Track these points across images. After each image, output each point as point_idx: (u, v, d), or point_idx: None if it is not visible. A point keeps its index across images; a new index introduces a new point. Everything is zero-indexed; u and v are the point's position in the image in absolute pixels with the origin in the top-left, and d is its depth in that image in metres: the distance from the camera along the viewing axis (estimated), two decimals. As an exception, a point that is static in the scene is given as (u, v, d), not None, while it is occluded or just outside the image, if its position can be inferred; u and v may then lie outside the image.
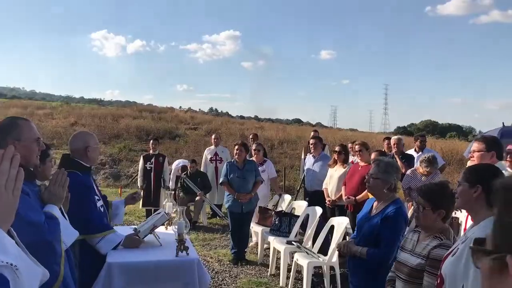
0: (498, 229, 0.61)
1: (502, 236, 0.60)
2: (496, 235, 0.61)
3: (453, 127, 73.55)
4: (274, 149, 18.26)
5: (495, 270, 0.59)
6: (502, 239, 0.60)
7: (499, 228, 0.61)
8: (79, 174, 3.24)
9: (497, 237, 0.61)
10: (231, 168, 6.20)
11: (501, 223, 0.61)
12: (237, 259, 6.15)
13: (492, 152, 3.24)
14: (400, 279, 2.81)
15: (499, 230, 0.61)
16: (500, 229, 0.61)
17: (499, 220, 0.61)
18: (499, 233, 0.61)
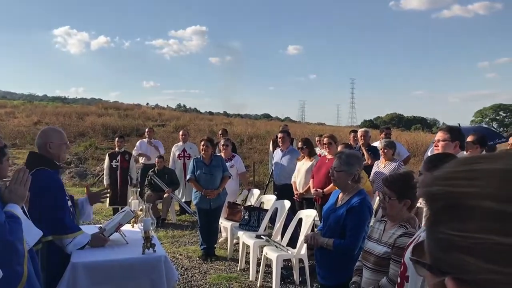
0: (433, 242, 0.57)
1: (438, 251, 0.55)
2: (432, 248, 0.57)
3: (418, 119, 75.49)
4: (243, 145, 18.27)
5: (438, 286, 0.56)
6: (438, 254, 0.55)
7: (434, 241, 0.56)
8: (49, 171, 3.14)
9: (433, 250, 0.57)
10: (197, 165, 6.16)
11: (435, 235, 0.56)
12: (206, 255, 6.13)
13: (456, 142, 3.33)
14: (367, 268, 2.86)
15: (433, 243, 0.57)
16: (435, 243, 0.56)
17: (433, 233, 0.57)
18: (434, 247, 0.56)
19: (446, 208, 0.55)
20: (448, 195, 0.55)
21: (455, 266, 0.52)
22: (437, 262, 0.55)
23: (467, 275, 0.51)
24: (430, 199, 0.58)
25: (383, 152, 6.19)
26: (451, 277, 0.53)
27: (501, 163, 0.54)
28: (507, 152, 0.58)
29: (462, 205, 0.52)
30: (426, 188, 0.59)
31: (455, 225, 0.53)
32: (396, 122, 66.59)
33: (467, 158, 0.59)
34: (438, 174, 0.59)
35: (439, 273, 0.55)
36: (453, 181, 0.55)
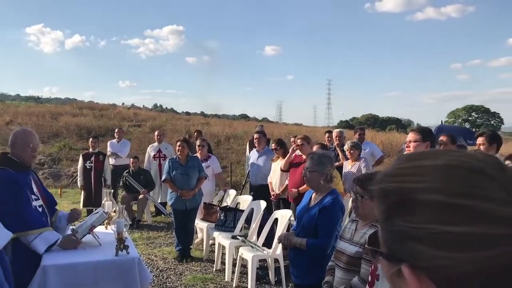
0: (388, 234, 0.61)
1: (393, 242, 0.60)
2: (387, 240, 0.61)
3: (393, 120, 76.62)
4: (220, 145, 18.24)
5: (394, 274, 0.60)
6: (394, 245, 0.60)
7: (389, 233, 0.61)
8: (11, 171, 3.10)
9: (389, 241, 0.61)
10: (173, 165, 6.13)
11: (389, 228, 0.60)
12: (182, 256, 6.10)
13: (427, 142, 3.40)
14: (339, 268, 2.90)
15: (388, 235, 0.61)
16: (390, 235, 0.60)
17: (387, 226, 0.61)
18: (389, 238, 0.61)
19: (398, 203, 0.59)
20: (398, 191, 0.59)
21: (409, 254, 0.57)
22: (393, 251, 0.60)
23: (421, 262, 0.55)
24: (383, 195, 0.62)
25: (349, 153, 6.31)
26: (407, 265, 0.57)
27: (442, 159, 0.59)
28: (447, 149, 0.63)
29: (412, 199, 0.57)
30: (378, 185, 0.63)
31: (407, 217, 0.57)
32: (372, 122, 67.38)
33: (411, 155, 0.64)
34: (387, 172, 0.63)
35: (396, 262, 0.59)
36: (402, 177, 0.60)
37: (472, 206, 0.54)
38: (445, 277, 0.54)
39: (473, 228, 0.53)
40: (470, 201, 0.54)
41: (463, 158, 0.59)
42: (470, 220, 0.53)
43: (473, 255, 0.52)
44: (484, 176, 0.56)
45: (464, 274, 0.53)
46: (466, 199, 0.54)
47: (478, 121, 70.46)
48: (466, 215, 0.53)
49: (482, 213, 0.53)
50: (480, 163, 0.58)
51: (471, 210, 0.53)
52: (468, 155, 0.60)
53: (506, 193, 0.55)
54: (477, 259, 0.52)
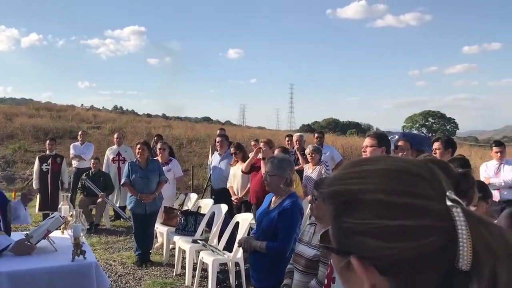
0: (337, 230, 0.68)
1: (342, 237, 0.67)
2: (337, 235, 0.68)
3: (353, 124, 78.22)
4: (182, 148, 18.08)
5: (344, 267, 0.67)
6: (343, 240, 0.67)
7: (338, 229, 0.68)
8: None
9: (338, 237, 0.68)
10: (133, 168, 6.04)
11: (338, 225, 0.67)
12: (141, 261, 6.01)
13: (383, 147, 3.53)
14: (297, 271, 2.94)
15: (338, 231, 0.68)
16: (339, 231, 0.67)
17: (336, 223, 0.68)
18: (338, 234, 0.68)
19: (345, 203, 0.67)
20: (346, 192, 0.67)
21: (357, 247, 0.64)
22: (342, 246, 0.67)
23: (367, 252, 0.63)
24: (332, 196, 0.69)
25: (311, 157, 6.41)
26: (355, 256, 0.64)
27: (383, 164, 0.68)
28: (386, 155, 0.73)
29: (358, 199, 0.65)
30: (328, 188, 0.70)
31: (354, 215, 0.65)
32: (333, 126, 68.52)
33: (356, 161, 0.72)
34: (336, 176, 0.71)
35: (345, 254, 0.67)
36: (349, 180, 0.68)
37: (409, 203, 0.62)
38: (387, 264, 0.62)
39: (410, 221, 0.61)
40: (407, 199, 0.62)
41: (400, 162, 0.68)
42: (407, 214, 0.61)
43: (410, 244, 0.60)
44: (418, 178, 0.65)
45: (403, 261, 0.61)
46: (404, 197, 0.63)
47: (435, 126, 72.87)
48: (404, 210, 0.62)
49: (417, 208, 0.62)
50: (415, 166, 0.67)
51: (408, 206, 0.62)
52: (404, 160, 0.70)
53: (436, 191, 0.64)
54: (413, 247, 0.60)
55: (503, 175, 6.04)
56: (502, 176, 6.04)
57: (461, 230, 0.60)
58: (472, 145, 35.05)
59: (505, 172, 6.06)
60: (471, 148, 26.11)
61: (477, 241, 0.60)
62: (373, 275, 0.63)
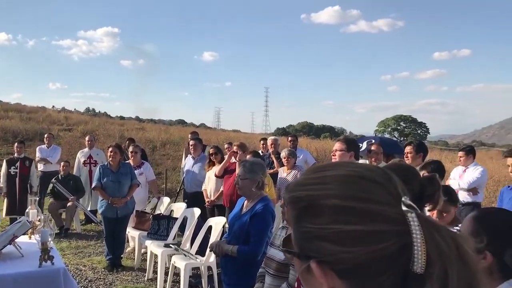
0: (298, 235, 0.69)
1: (302, 241, 0.68)
2: (298, 240, 0.70)
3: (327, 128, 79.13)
4: (156, 151, 17.90)
5: (304, 270, 0.68)
6: (303, 244, 0.68)
7: (299, 234, 0.69)
8: None
9: (299, 241, 0.69)
10: (104, 172, 5.95)
11: (299, 229, 0.69)
12: (112, 266, 5.92)
13: (352, 152, 3.58)
14: (269, 274, 2.94)
15: (299, 236, 0.69)
16: (300, 235, 0.69)
17: (297, 228, 0.69)
18: (299, 239, 0.69)
19: (306, 208, 0.68)
20: (306, 197, 0.68)
21: (316, 251, 0.66)
22: (303, 250, 0.68)
23: (325, 257, 0.65)
24: (294, 201, 0.70)
25: (286, 161, 6.43)
26: (314, 260, 0.66)
27: (342, 170, 0.69)
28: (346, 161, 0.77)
29: (318, 204, 0.66)
30: (290, 193, 0.71)
31: (314, 220, 0.66)
32: (307, 130, 69.10)
33: (317, 167, 0.73)
34: (297, 181, 0.72)
35: (305, 259, 0.68)
36: (309, 186, 0.69)
37: (364, 208, 0.64)
38: (345, 268, 0.64)
39: (366, 226, 0.63)
40: (362, 204, 0.64)
41: (358, 168, 0.70)
42: (363, 219, 0.63)
43: (366, 248, 0.62)
44: (374, 183, 0.67)
45: (360, 264, 0.63)
46: (359, 202, 0.64)
47: (406, 131, 74.20)
48: (359, 215, 0.63)
49: (372, 213, 0.64)
50: (371, 172, 0.69)
51: (364, 211, 0.64)
52: (362, 166, 0.71)
53: (391, 196, 0.66)
54: (369, 251, 0.62)
55: (464, 178, 6.17)
56: (462, 179, 6.17)
57: (416, 234, 0.62)
58: (443, 149, 35.93)
59: (467, 175, 6.19)
60: (442, 152, 26.73)
61: (430, 245, 0.61)
62: (331, 279, 0.65)
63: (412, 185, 2.00)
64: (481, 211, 1.83)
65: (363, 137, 9.22)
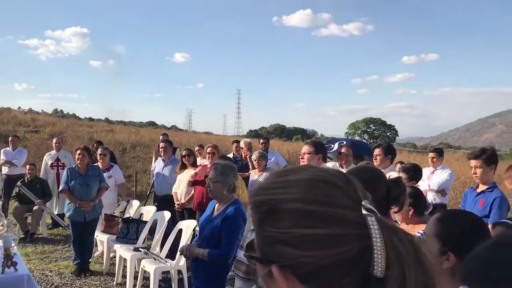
0: (261, 239, 0.69)
1: (264, 246, 0.68)
2: (260, 244, 0.69)
3: (299, 130, 79.78)
4: (126, 153, 17.64)
5: (266, 275, 0.68)
6: (265, 249, 0.68)
7: (261, 238, 0.69)
8: None
9: (261, 246, 0.69)
10: (72, 175, 5.81)
11: (262, 234, 0.68)
12: (80, 271, 5.79)
13: (320, 155, 3.62)
14: (238, 277, 2.92)
15: (261, 240, 0.69)
16: (262, 240, 0.68)
17: (260, 232, 0.69)
18: (262, 243, 0.69)
19: (268, 212, 0.68)
20: (269, 201, 0.68)
21: (278, 256, 0.66)
22: (265, 255, 0.68)
23: (286, 261, 0.65)
24: (257, 205, 0.70)
25: (257, 163, 6.44)
26: (276, 265, 0.66)
27: (304, 174, 0.70)
28: (308, 165, 0.75)
29: (279, 208, 0.66)
30: (253, 197, 0.71)
31: (276, 224, 0.66)
32: (279, 132, 69.47)
33: (280, 171, 0.73)
34: (261, 186, 0.72)
35: (267, 263, 0.67)
36: (272, 190, 0.69)
37: (325, 212, 0.64)
38: (306, 272, 0.64)
39: (326, 230, 0.63)
40: (323, 208, 0.64)
41: (320, 173, 0.70)
42: (323, 223, 0.63)
43: (327, 252, 0.62)
44: (335, 187, 0.67)
45: (321, 269, 0.63)
46: (320, 206, 0.64)
47: (376, 133, 75.59)
48: (320, 219, 0.64)
49: (333, 217, 0.64)
50: (332, 176, 0.69)
51: (324, 215, 0.64)
52: (324, 170, 0.71)
53: (351, 200, 0.66)
54: (330, 255, 0.62)
55: (432, 180, 6.32)
56: (431, 181, 6.32)
57: (376, 238, 0.62)
58: (411, 151, 36.63)
59: (435, 177, 6.35)
60: (410, 154, 27.29)
61: (389, 248, 0.62)
62: (293, 284, 0.65)
63: (379, 187, 2.03)
64: (444, 213, 1.87)
65: (334, 139, 9.33)
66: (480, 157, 3.87)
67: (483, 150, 4.01)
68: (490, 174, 3.89)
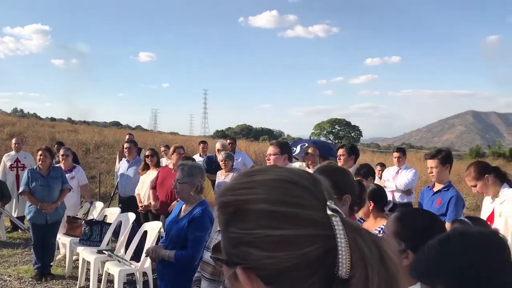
0: (226, 241, 0.69)
1: (230, 247, 0.68)
2: (225, 246, 0.69)
3: (266, 131, 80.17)
4: (89, 154, 17.25)
5: (232, 277, 0.68)
6: (230, 250, 0.68)
7: (227, 240, 0.69)
8: None
9: (226, 247, 0.69)
10: (33, 176, 5.65)
11: (227, 235, 0.68)
12: (41, 275, 5.63)
13: (285, 155, 3.67)
14: (204, 278, 2.92)
15: (226, 241, 0.69)
16: (228, 241, 0.68)
17: (225, 233, 0.69)
18: (227, 244, 0.69)
19: (234, 213, 0.67)
20: (235, 202, 0.68)
21: (242, 257, 0.65)
22: (230, 256, 0.68)
23: (251, 262, 0.64)
24: (223, 206, 0.70)
25: (224, 164, 6.43)
26: (240, 267, 0.65)
27: (270, 174, 0.69)
28: (274, 166, 0.76)
29: (245, 209, 0.66)
30: (219, 198, 0.71)
31: (241, 225, 0.66)
32: (246, 133, 69.59)
33: (247, 172, 0.73)
34: (227, 186, 0.72)
35: (232, 265, 0.67)
36: (238, 190, 0.68)
37: (290, 212, 0.64)
38: (270, 274, 0.63)
39: (291, 231, 0.63)
40: (288, 208, 0.64)
41: (285, 173, 0.70)
42: (288, 224, 0.63)
43: (291, 253, 0.62)
44: (301, 188, 0.67)
45: (285, 270, 0.63)
46: (286, 207, 0.64)
47: (341, 133, 76.68)
48: (285, 220, 0.63)
49: (298, 218, 0.63)
50: (298, 177, 0.69)
51: (289, 215, 0.63)
52: (290, 170, 0.71)
53: (317, 201, 0.66)
54: (295, 256, 0.62)
55: (398, 180, 6.50)
56: (397, 181, 6.50)
57: (340, 239, 0.62)
58: (375, 151, 37.45)
59: (401, 177, 6.53)
60: (374, 154, 27.90)
61: (353, 249, 0.62)
62: (257, 285, 0.64)
63: (354, 187, 2.09)
64: (402, 212, 1.94)
65: (300, 140, 9.44)
66: (436, 157, 4.02)
67: (438, 151, 4.17)
68: (445, 173, 4.04)
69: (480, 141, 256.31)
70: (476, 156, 28.94)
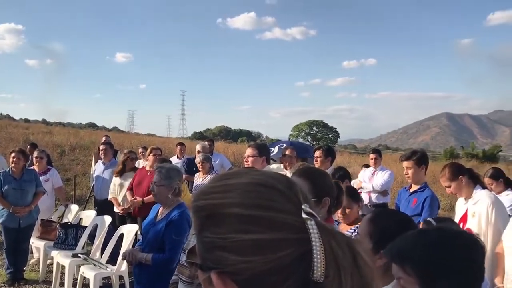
0: (200, 245, 0.69)
1: (204, 252, 0.67)
2: (200, 250, 0.69)
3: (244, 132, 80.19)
4: (64, 156, 16.94)
5: (206, 281, 0.67)
6: (205, 254, 0.67)
7: (201, 244, 0.68)
8: None
9: (201, 252, 0.68)
10: (5, 179, 5.52)
11: (201, 240, 0.68)
12: (13, 280, 5.51)
13: (263, 157, 3.68)
14: (182, 281, 2.91)
15: (201, 246, 0.68)
16: (202, 246, 0.68)
17: (200, 238, 0.68)
18: (201, 249, 0.68)
19: (208, 217, 0.66)
20: (208, 206, 0.67)
21: (217, 262, 0.64)
22: (204, 261, 0.67)
23: (226, 267, 0.63)
24: (197, 211, 0.69)
25: (201, 166, 6.41)
26: (215, 271, 0.64)
27: (244, 178, 0.69)
28: (250, 169, 0.75)
29: (219, 213, 0.65)
30: (194, 202, 0.70)
31: (215, 229, 0.65)
32: (224, 134, 69.51)
33: (221, 175, 0.72)
34: (202, 190, 0.71)
35: (206, 269, 0.66)
36: (212, 194, 0.68)
37: (265, 216, 0.63)
38: (244, 278, 0.63)
39: (265, 235, 0.62)
40: (263, 212, 0.63)
41: (261, 176, 0.69)
42: (263, 228, 0.63)
43: (265, 257, 0.61)
44: (276, 191, 0.66)
45: (260, 274, 0.62)
46: (260, 211, 0.64)
47: (318, 135, 77.29)
48: (259, 224, 0.63)
49: (272, 221, 0.63)
50: (274, 180, 0.68)
51: (265, 219, 0.63)
52: (265, 173, 0.71)
53: (291, 204, 0.65)
54: (269, 260, 0.61)
55: (375, 181, 6.59)
56: (374, 182, 6.59)
57: (315, 242, 0.62)
58: (352, 153, 37.83)
59: (377, 178, 6.62)
60: (351, 155, 28.16)
61: (327, 252, 0.62)
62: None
63: (332, 189, 2.11)
64: (375, 213, 1.97)
65: (279, 141, 9.46)
66: (411, 158, 4.09)
67: (413, 152, 4.24)
68: (421, 174, 4.11)
69: (454, 143, 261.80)
70: (450, 157, 29.47)
